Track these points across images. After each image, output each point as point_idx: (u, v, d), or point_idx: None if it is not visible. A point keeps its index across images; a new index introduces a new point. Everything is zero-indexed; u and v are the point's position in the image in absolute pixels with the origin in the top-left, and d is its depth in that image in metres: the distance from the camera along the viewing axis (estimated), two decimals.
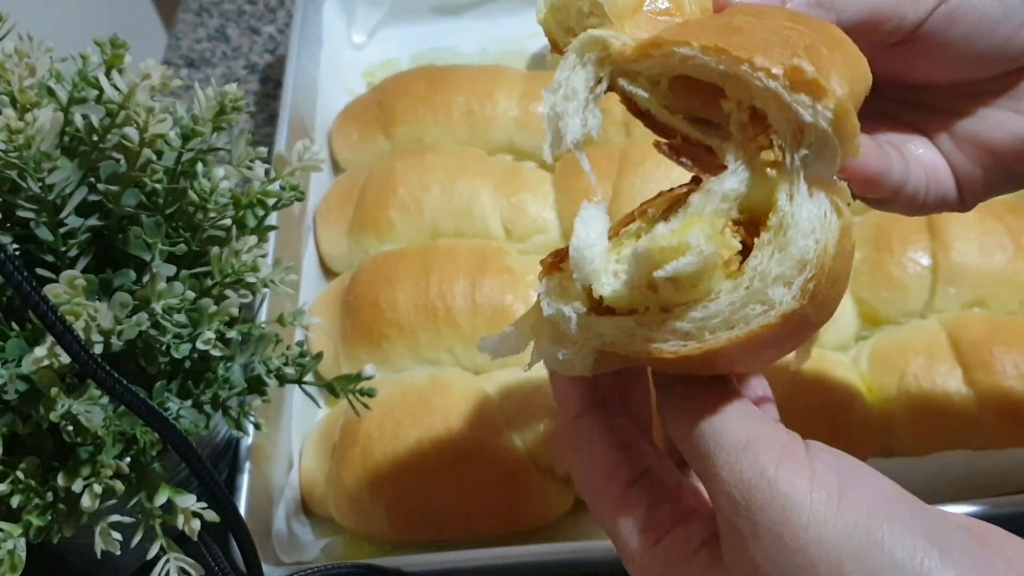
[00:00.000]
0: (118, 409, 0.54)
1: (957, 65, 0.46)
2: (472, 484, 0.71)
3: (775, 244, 0.37)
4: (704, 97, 0.40)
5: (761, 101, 0.38)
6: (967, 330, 0.74)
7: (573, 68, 0.41)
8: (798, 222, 0.36)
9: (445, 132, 0.96)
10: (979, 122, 0.48)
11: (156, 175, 0.57)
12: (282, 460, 0.76)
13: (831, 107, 0.36)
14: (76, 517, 0.54)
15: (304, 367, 0.63)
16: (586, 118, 0.41)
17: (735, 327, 0.36)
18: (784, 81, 0.36)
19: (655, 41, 0.39)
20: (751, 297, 0.36)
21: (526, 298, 0.80)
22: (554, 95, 0.41)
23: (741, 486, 0.34)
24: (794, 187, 0.37)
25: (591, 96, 0.41)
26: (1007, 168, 0.48)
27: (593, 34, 0.40)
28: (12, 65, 0.53)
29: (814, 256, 0.36)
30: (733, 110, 0.39)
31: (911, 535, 0.32)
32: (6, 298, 0.55)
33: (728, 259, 0.37)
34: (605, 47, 0.40)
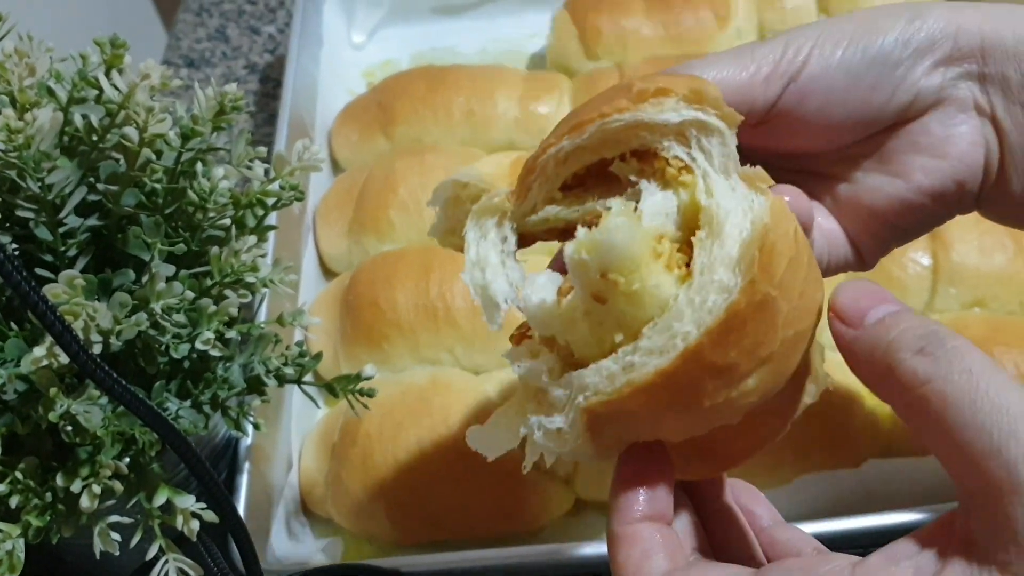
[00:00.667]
0: (117, 409, 0.54)
1: (822, 135, 0.48)
2: (472, 484, 0.71)
3: (711, 236, 0.37)
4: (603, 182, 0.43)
5: (637, 141, 0.40)
6: (967, 330, 0.74)
7: (478, 242, 0.44)
8: (724, 208, 0.37)
9: (445, 132, 0.96)
10: (857, 187, 0.49)
11: (155, 175, 0.57)
12: (281, 460, 0.76)
13: (677, 98, 0.38)
14: (75, 517, 0.54)
15: (303, 367, 0.63)
16: (508, 276, 0.43)
17: (702, 323, 0.36)
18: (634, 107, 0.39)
19: (525, 168, 0.42)
20: (705, 289, 0.36)
21: None
22: (471, 273, 0.43)
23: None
24: (708, 181, 0.39)
25: (504, 256, 0.43)
26: (893, 225, 0.49)
27: (476, 208, 0.43)
28: (12, 65, 0.53)
29: (748, 233, 0.37)
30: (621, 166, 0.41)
31: None
32: (5, 298, 0.55)
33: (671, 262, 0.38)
34: (493, 209, 0.43)
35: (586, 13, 1.02)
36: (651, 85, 0.39)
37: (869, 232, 0.50)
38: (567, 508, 0.73)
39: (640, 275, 0.37)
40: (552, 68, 1.04)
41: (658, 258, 0.37)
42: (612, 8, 1.01)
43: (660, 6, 1.01)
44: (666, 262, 0.37)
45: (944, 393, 0.33)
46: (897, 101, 0.47)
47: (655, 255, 0.37)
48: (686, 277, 0.37)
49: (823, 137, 0.48)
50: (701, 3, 1.00)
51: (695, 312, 0.36)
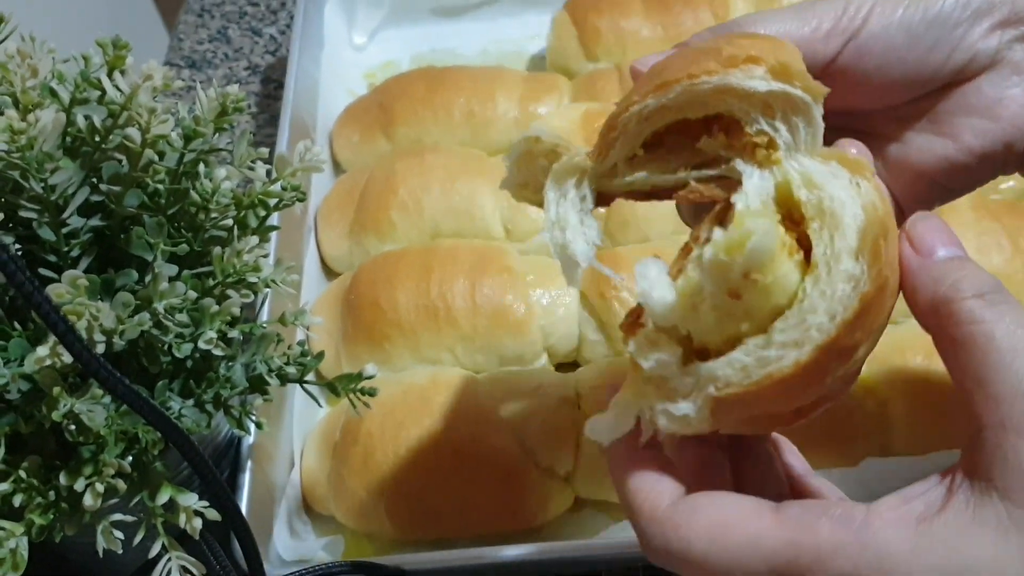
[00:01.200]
0: (120, 408, 0.54)
1: (877, 93, 0.49)
2: (472, 483, 0.71)
3: (828, 227, 0.38)
4: (686, 148, 0.42)
5: (720, 106, 0.40)
6: None
7: (557, 202, 0.43)
8: (836, 198, 0.38)
9: (445, 133, 0.96)
10: (906, 147, 0.50)
11: (158, 176, 0.57)
12: (283, 459, 0.76)
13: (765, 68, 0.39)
14: (78, 516, 0.55)
15: (305, 366, 0.63)
16: (587, 235, 0.43)
17: (835, 314, 0.37)
18: (724, 70, 0.39)
19: (606, 124, 0.41)
20: (834, 280, 0.37)
21: (526, 298, 0.80)
22: (551, 233, 0.43)
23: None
24: (802, 163, 0.39)
25: (582, 215, 0.43)
26: (939, 184, 0.50)
27: (557, 167, 0.43)
28: (15, 66, 0.53)
29: (863, 220, 0.37)
30: (708, 142, 0.41)
31: None
32: (8, 298, 0.55)
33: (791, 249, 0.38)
34: (574, 169, 0.43)
35: (586, 14, 1.02)
36: (741, 52, 0.39)
37: (914, 191, 0.50)
38: (567, 506, 0.74)
39: (778, 270, 0.37)
40: (552, 69, 1.04)
41: (783, 248, 0.38)
42: (612, 9, 1.01)
43: (659, 7, 1.01)
44: (789, 250, 0.38)
45: (992, 335, 0.36)
46: (954, 62, 0.47)
47: (781, 246, 0.38)
48: (805, 264, 0.38)
49: (878, 95, 0.49)
50: (700, 3, 1.01)
51: (827, 303, 0.37)
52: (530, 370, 0.80)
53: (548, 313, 0.81)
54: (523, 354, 0.80)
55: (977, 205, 0.81)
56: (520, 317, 0.79)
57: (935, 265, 0.39)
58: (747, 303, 0.38)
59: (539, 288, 0.81)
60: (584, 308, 0.81)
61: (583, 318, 0.81)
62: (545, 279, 0.82)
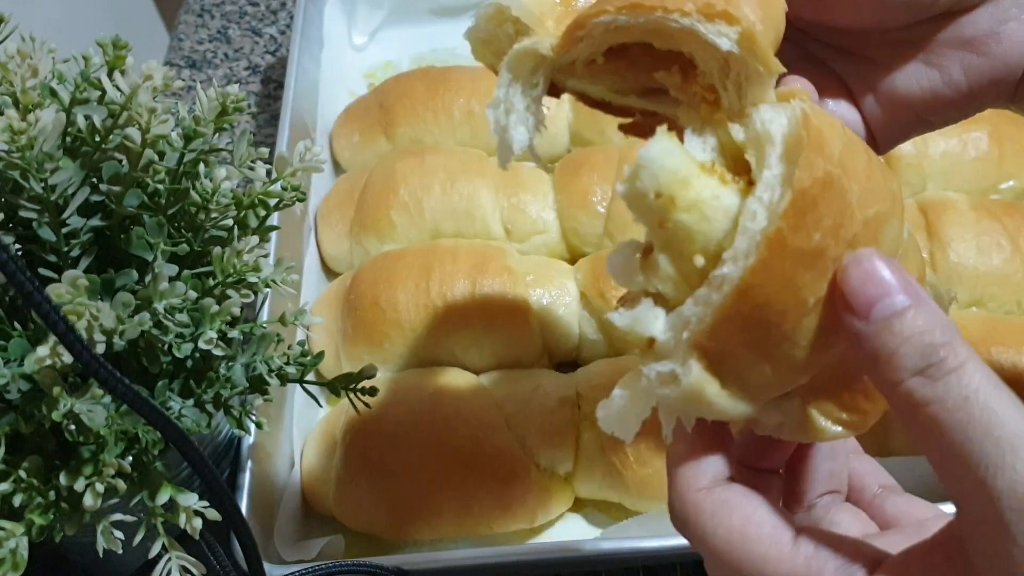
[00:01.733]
0: (120, 408, 0.54)
1: (874, 12, 0.47)
2: (472, 483, 0.71)
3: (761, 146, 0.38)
4: (645, 70, 0.42)
5: (684, 45, 0.40)
6: (965, 330, 0.73)
7: (509, 84, 0.44)
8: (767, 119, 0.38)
9: (445, 133, 0.96)
10: (895, 75, 0.49)
11: (158, 175, 0.57)
12: (284, 459, 0.76)
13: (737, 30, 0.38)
14: (78, 516, 0.55)
15: (305, 366, 0.63)
16: (528, 123, 0.43)
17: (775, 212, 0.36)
18: (697, 16, 0.38)
19: (575, 22, 0.41)
20: (769, 185, 0.36)
21: (526, 298, 0.80)
22: (495, 111, 0.43)
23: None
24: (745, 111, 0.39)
25: (530, 101, 0.43)
26: (920, 115, 0.49)
27: (517, 48, 0.43)
28: (15, 66, 0.53)
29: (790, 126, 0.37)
30: (665, 76, 0.41)
31: None
32: (8, 298, 0.55)
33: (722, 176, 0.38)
34: (534, 55, 0.43)
35: None
36: (719, 5, 0.38)
37: (894, 118, 0.49)
38: (567, 506, 0.74)
39: (695, 187, 0.37)
40: None
41: (710, 173, 0.37)
42: None
43: None
44: (720, 177, 0.38)
45: (939, 420, 0.32)
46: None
47: (705, 170, 0.37)
48: (749, 190, 0.37)
49: (875, 15, 0.47)
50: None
51: (766, 207, 0.36)
52: (530, 370, 0.80)
53: (548, 313, 0.81)
54: (523, 354, 0.80)
55: (977, 205, 0.81)
56: (520, 317, 0.79)
57: (871, 332, 0.35)
58: (675, 230, 0.37)
59: (539, 288, 0.81)
60: (584, 308, 0.81)
61: (583, 318, 0.81)
62: (545, 279, 0.82)
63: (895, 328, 0.34)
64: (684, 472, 0.40)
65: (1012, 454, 0.31)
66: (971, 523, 0.32)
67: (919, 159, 0.86)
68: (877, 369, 0.34)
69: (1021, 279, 0.78)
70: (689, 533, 0.40)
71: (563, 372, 0.80)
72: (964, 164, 0.86)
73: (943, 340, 0.33)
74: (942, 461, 0.33)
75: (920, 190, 0.86)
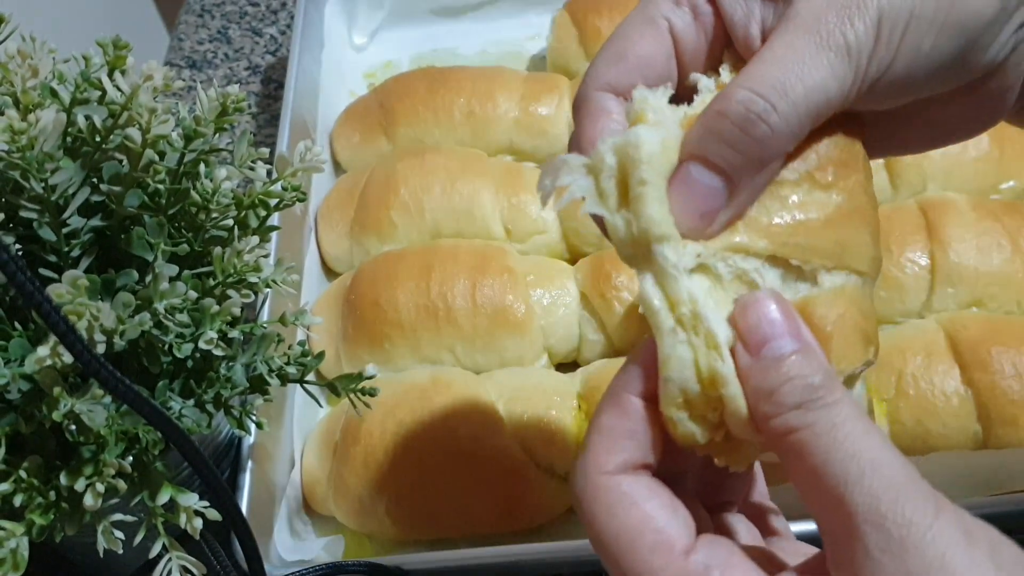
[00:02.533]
0: (120, 408, 0.54)
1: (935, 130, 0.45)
2: (472, 483, 0.71)
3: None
4: None
5: None
6: (965, 330, 0.74)
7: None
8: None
9: (446, 133, 0.96)
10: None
11: (158, 176, 0.57)
12: (284, 459, 0.76)
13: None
14: (78, 516, 0.55)
15: (306, 366, 0.63)
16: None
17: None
18: None
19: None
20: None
21: (526, 298, 0.80)
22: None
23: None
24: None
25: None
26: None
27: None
28: (15, 66, 0.53)
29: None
30: None
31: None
32: (9, 298, 0.55)
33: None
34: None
35: (586, 14, 1.02)
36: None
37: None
38: (567, 506, 0.74)
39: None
40: (552, 69, 1.04)
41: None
42: (612, 9, 1.01)
43: None
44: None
45: (804, 442, 0.34)
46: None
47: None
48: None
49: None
50: None
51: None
52: (530, 370, 0.80)
53: (548, 313, 0.81)
54: (523, 354, 0.80)
55: (977, 205, 0.81)
56: (520, 317, 0.79)
57: (759, 370, 0.35)
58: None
59: (539, 288, 0.81)
60: (584, 308, 0.81)
61: (583, 318, 0.81)
62: (545, 279, 0.82)
63: (781, 368, 0.35)
64: (596, 447, 0.38)
65: (871, 473, 0.32)
66: (830, 539, 0.34)
67: (919, 159, 0.86)
68: (758, 402, 0.35)
69: (1021, 279, 0.78)
70: (582, 515, 0.38)
71: (563, 372, 0.80)
72: (964, 164, 0.86)
73: (822, 383, 0.35)
74: (805, 480, 0.34)
75: (920, 190, 0.86)
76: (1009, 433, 0.70)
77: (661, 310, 0.37)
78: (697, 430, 0.37)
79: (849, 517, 0.32)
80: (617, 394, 0.39)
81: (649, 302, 0.37)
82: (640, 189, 0.37)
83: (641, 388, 0.38)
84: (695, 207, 0.37)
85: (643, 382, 0.38)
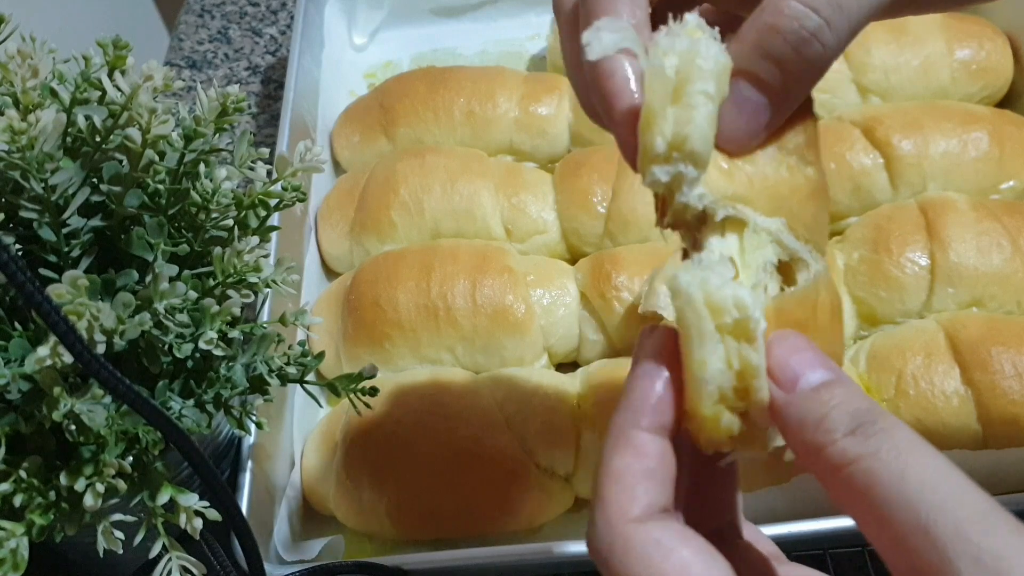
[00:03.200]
0: (120, 408, 0.54)
1: None
2: (472, 483, 0.71)
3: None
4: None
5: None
6: (965, 330, 0.74)
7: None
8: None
9: (446, 133, 0.96)
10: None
11: (158, 176, 0.57)
12: (284, 459, 0.76)
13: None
14: (78, 516, 0.55)
15: (306, 366, 0.63)
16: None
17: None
18: None
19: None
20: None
21: (526, 298, 0.80)
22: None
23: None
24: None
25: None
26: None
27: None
28: (15, 66, 0.53)
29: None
30: None
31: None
32: (9, 298, 0.55)
33: None
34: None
35: None
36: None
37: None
38: (567, 506, 0.74)
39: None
40: (552, 69, 1.04)
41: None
42: None
43: None
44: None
45: (871, 470, 0.32)
46: None
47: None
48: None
49: None
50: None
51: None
52: (530, 370, 0.80)
53: (548, 313, 0.81)
54: (523, 354, 0.80)
55: (977, 205, 0.81)
56: (520, 317, 0.79)
57: (799, 402, 0.34)
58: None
59: (539, 288, 0.81)
60: (584, 308, 0.81)
61: (583, 318, 0.81)
62: (545, 279, 0.82)
63: (823, 396, 0.34)
64: (615, 495, 0.35)
65: (955, 503, 0.31)
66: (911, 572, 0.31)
67: (919, 159, 0.86)
68: (804, 435, 0.34)
69: (1021, 279, 0.78)
70: (609, 569, 0.35)
71: (563, 372, 0.80)
72: (964, 164, 0.86)
73: (868, 407, 0.33)
74: (871, 513, 0.32)
75: (920, 190, 0.86)
76: (1009, 433, 0.70)
77: (704, 316, 0.35)
78: (735, 422, 0.36)
79: (937, 551, 0.30)
80: (624, 432, 0.36)
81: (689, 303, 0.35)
82: (699, 98, 0.35)
83: (648, 422, 0.36)
84: (742, 126, 0.36)
85: (649, 415, 0.36)
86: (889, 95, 0.95)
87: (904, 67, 0.94)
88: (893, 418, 0.33)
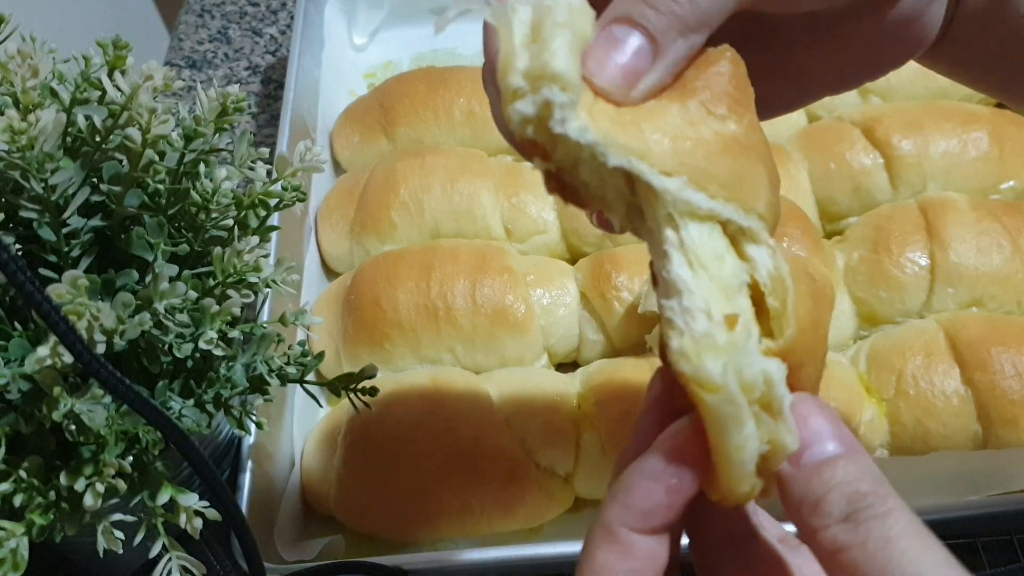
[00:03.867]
0: (120, 408, 0.54)
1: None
2: (472, 483, 0.71)
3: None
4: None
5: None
6: (965, 330, 0.74)
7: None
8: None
9: (446, 133, 0.96)
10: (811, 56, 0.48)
11: (158, 176, 0.57)
12: (284, 459, 0.76)
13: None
14: (78, 516, 0.55)
15: (306, 366, 0.63)
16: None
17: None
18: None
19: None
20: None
21: (526, 298, 0.80)
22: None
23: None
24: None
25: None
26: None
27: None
28: (15, 66, 0.53)
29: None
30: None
31: None
32: (9, 298, 0.55)
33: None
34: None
35: None
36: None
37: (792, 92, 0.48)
38: (567, 506, 0.74)
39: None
40: None
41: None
42: None
43: None
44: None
45: (857, 563, 0.31)
46: None
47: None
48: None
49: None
50: None
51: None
52: (530, 370, 0.80)
53: (548, 313, 0.81)
54: (523, 354, 0.80)
55: (977, 205, 0.81)
56: (520, 317, 0.79)
57: (801, 478, 0.33)
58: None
59: (539, 288, 0.81)
60: (584, 308, 0.81)
61: (583, 318, 0.81)
62: (545, 279, 0.82)
63: (825, 475, 0.33)
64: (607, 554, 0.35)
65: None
66: None
67: (919, 159, 0.86)
68: (802, 513, 0.33)
69: (1021, 279, 0.78)
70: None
71: (563, 372, 0.80)
72: (964, 164, 0.86)
73: (870, 489, 0.33)
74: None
75: (920, 190, 0.86)
76: (1009, 433, 0.70)
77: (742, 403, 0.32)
78: (759, 484, 0.34)
79: None
80: (613, 530, 0.35)
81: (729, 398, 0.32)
82: (554, 30, 0.33)
83: (643, 526, 0.35)
84: (617, 60, 0.35)
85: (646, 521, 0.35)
86: (889, 95, 0.95)
87: (904, 67, 0.94)
88: (893, 501, 0.32)
